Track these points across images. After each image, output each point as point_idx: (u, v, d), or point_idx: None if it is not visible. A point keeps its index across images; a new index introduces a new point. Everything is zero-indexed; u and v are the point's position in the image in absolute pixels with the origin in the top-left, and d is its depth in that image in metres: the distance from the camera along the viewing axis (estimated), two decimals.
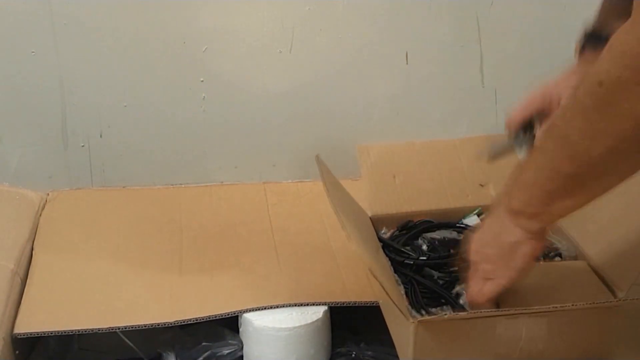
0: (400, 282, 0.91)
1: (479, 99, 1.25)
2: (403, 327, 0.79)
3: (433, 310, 0.87)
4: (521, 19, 1.21)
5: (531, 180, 0.70)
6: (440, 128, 1.25)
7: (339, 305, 0.95)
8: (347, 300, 0.95)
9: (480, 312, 0.78)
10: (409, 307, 0.84)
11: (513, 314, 0.78)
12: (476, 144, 1.05)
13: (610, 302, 0.83)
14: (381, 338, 0.98)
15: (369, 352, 0.97)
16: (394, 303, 0.79)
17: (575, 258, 0.94)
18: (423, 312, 0.87)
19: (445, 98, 1.24)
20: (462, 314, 0.78)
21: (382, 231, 0.97)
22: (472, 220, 1.01)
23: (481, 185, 1.03)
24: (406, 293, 0.88)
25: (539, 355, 0.80)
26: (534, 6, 1.19)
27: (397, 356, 0.95)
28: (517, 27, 1.21)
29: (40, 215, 1.12)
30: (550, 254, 0.95)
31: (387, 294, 0.80)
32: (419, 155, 1.03)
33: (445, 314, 0.81)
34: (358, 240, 0.85)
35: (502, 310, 0.79)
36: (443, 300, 0.89)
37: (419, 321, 0.76)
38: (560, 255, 0.95)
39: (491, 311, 0.79)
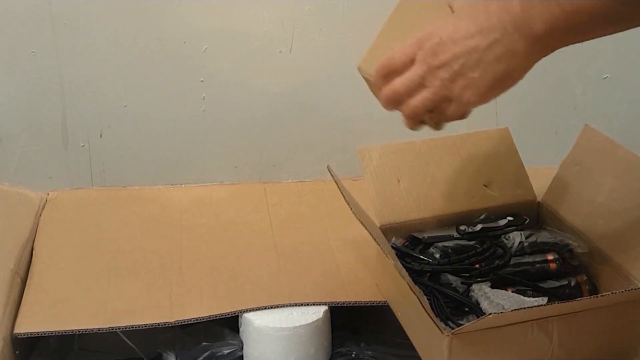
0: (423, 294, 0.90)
1: None
2: (435, 340, 0.78)
3: (460, 321, 0.86)
4: None
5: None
6: None
7: (339, 305, 0.95)
8: (347, 300, 0.95)
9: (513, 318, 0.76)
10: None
11: (544, 317, 0.78)
12: (476, 140, 1.05)
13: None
14: (381, 338, 0.98)
15: (369, 352, 0.97)
16: (429, 316, 0.78)
17: (589, 253, 0.94)
18: (450, 323, 0.85)
19: None
20: (491, 317, 0.76)
21: (392, 241, 0.97)
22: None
23: (485, 186, 1.02)
24: (430, 304, 0.87)
25: (570, 356, 0.80)
26: None
27: (397, 356, 0.96)
28: None
29: (40, 215, 1.12)
30: (562, 250, 0.95)
31: (422, 306, 0.79)
32: (421, 155, 1.03)
33: (473, 322, 0.78)
34: (391, 253, 0.85)
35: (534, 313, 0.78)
36: (467, 309, 0.88)
37: (453, 334, 0.75)
38: (571, 251, 0.95)
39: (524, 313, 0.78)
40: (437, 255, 0.94)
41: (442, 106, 0.71)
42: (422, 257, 0.94)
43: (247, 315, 0.93)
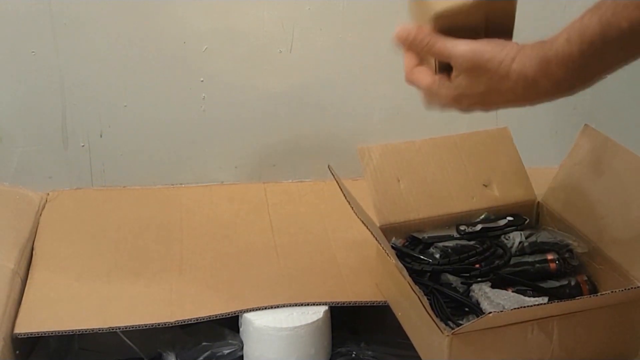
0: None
1: None
2: (435, 340, 0.78)
3: (460, 321, 0.86)
4: (521, 19, 1.20)
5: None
6: (440, 127, 1.24)
7: (339, 305, 0.95)
8: (347, 300, 0.95)
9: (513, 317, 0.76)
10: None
11: (545, 317, 0.78)
12: (476, 140, 1.05)
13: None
14: (381, 338, 0.98)
15: (369, 352, 0.97)
16: (429, 316, 0.78)
17: (589, 253, 0.94)
18: (450, 323, 0.85)
19: None
20: (491, 317, 0.76)
21: (392, 241, 0.97)
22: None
23: (485, 186, 1.02)
24: (430, 304, 0.86)
25: (570, 356, 0.80)
26: (534, 6, 1.19)
27: (397, 356, 0.96)
28: (517, 27, 1.21)
29: (40, 215, 1.12)
30: (561, 250, 0.95)
31: (422, 306, 0.79)
32: (421, 155, 1.03)
33: (473, 322, 0.78)
34: (392, 252, 0.85)
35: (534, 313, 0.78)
36: (467, 309, 0.88)
37: (453, 333, 0.75)
38: (571, 251, 0.95)
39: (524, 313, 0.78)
40: (437, 255, 0.94)
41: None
42: (422, 257, 0.94)
43: (247, 315, 0.93)
